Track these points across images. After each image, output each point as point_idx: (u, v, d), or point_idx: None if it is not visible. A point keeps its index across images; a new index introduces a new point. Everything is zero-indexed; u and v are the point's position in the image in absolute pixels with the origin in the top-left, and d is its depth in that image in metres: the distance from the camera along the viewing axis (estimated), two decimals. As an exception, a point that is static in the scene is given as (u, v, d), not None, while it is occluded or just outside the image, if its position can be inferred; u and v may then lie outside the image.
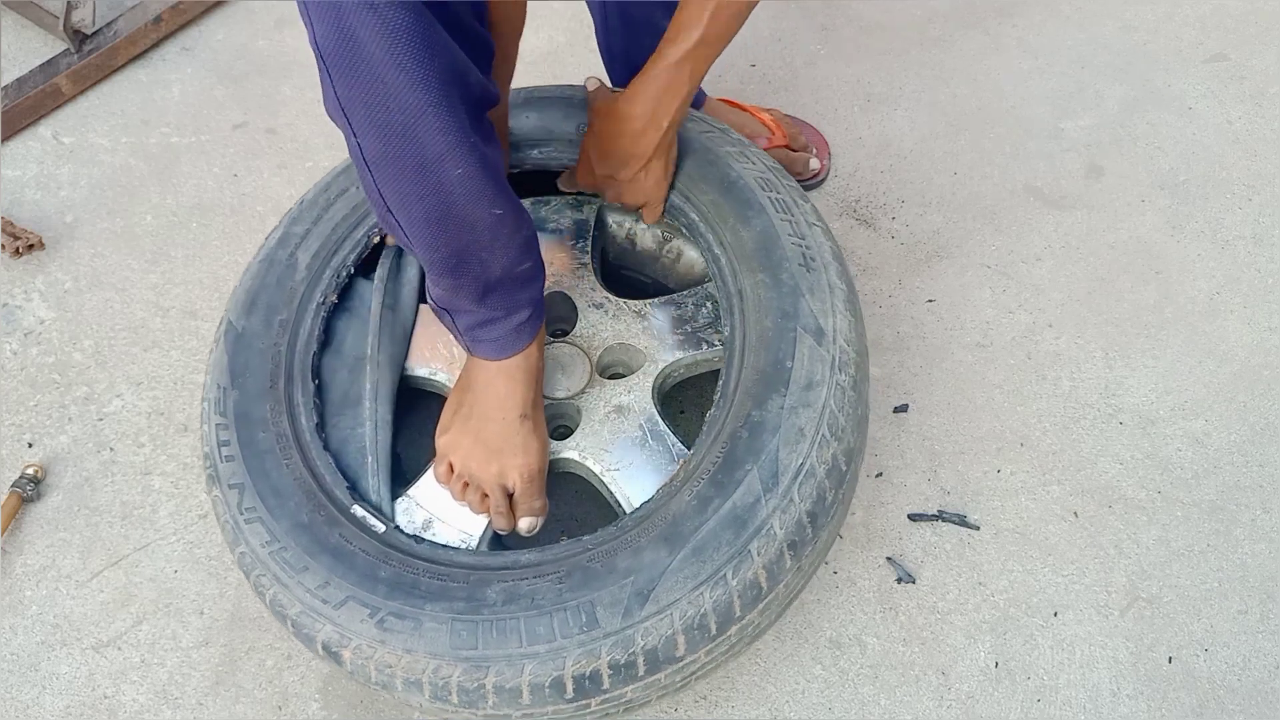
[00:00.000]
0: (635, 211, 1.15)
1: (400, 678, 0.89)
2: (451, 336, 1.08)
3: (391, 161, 0.84)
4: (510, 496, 1.01)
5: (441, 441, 1.03)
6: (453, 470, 1.02)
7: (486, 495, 1.01)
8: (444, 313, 0.99)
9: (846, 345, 0.99)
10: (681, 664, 0.91)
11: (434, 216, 0.87)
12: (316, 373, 1.07)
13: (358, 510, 0.98)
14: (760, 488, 0.92)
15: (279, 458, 1.00)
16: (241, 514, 0.97)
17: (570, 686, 0.87)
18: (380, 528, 0.97)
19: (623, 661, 0.87)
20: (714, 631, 0.90)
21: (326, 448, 1.02)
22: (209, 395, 1.04)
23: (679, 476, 0.97)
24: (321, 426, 1.03)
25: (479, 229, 0.90)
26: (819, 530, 0.95)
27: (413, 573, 0.93)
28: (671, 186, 1.12)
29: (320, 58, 0.77)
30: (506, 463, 1.00)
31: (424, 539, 0.98)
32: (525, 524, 1.02)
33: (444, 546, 0.98)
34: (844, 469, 0.97)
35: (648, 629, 0.88)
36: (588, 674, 0.87)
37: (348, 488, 0.99)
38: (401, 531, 0.98)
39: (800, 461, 0.93)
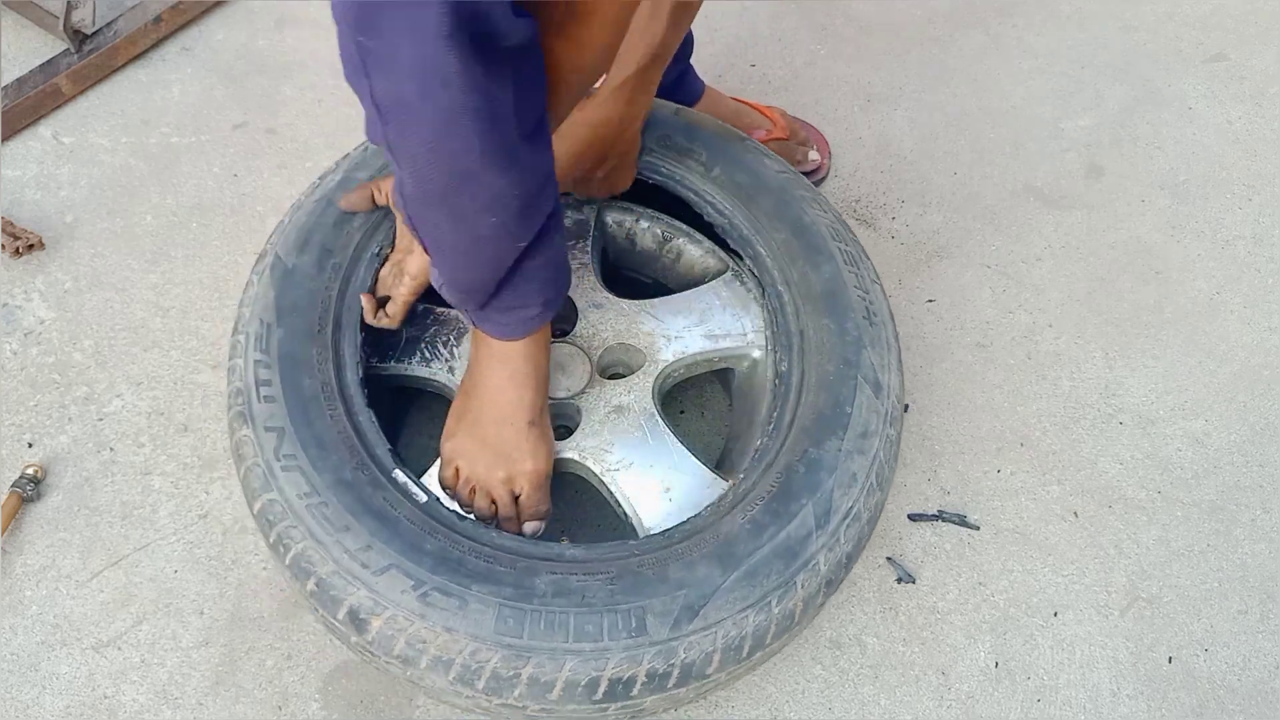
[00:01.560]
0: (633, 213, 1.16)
1: (430, 654, 0.87)
2: (450, 335, 1.09)
3: (429, 205, 0.83)
4: (516, 500, 1.02)
5: (448, 446, 1.02)
6: (459, 475, 1.02)
7: (494, 500, 1.01)
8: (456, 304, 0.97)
9: (897, 402, 1.03)
10: (707, 680, 0.91)
11: (461, 248, 0.87)
12: (364, 326, 1.03)
13: (399, 475, 0.95)
14: (813, 523, 0.94)
15: (323, 407, 0.95)
16: (279, 460, 0.92)
17: (603, 689, 0.87)
18: (421, 497, 0.94)
19: (660, 671, 0.88)
20: (745, 654, 0.90)
21: (369, 404, 0.98)
22: (248, 329, 1.00)
23: (728, 498, 0.98)
24: (366, 381, 1.00)
25: (504, 264, 0.89)
26: (850, 570, 0.97)
27: (459, 550, 0.90)
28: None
29: (375, 107, 0.76)
30: (515, 468, 0.99)
31: (466, 516, 0.96)
32: (530, 528, 1.02)
33: (486, 527, 0.95)
34: (879, 516, 1.00)
35: (691, 643, 0.88)
36: (624, 679, 0.87)
37: (389, 450, 0.96)
38: (442, 504, 0.95)
39: (850, 505, 0.96)
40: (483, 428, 1.00)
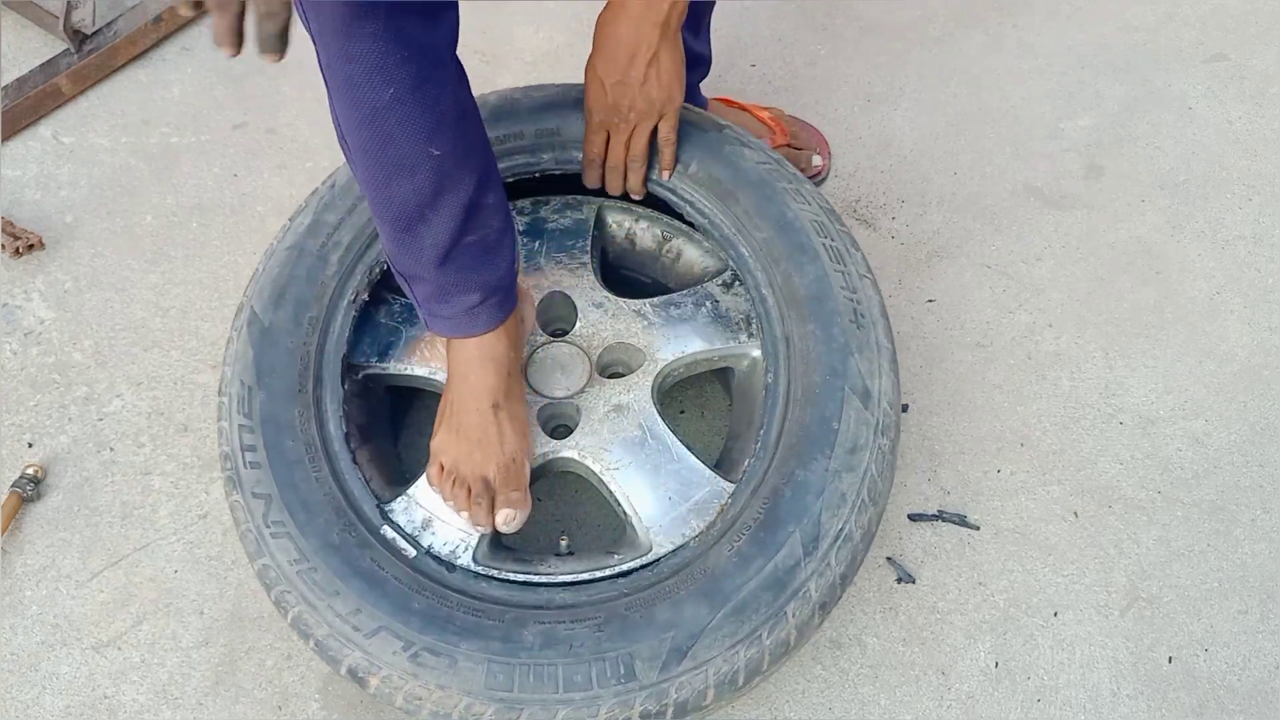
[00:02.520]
0: (638, 209, 1.15)
1: (428, 708, 0.89)
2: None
3: (331, 81, 0.83)
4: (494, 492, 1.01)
5: (433, 444, 1.03)
6: (442, 471, 1.01)
7: (472, 491, 1.00)
8: (402, 278, 0.97)
9: (889, 408, 1.00)
10: (704, 711, 0.91)
11: (371, 148, 0.85)
12: (346, 377, 1.05)
13: (388, 532, 0.98)
14: (801, 551, 0.93)
15: (308, 469, 0.97)
16: (268, 527, 0.95)
17: None
18: (411, 552, 0.97)
19: (654, 712, 0.88)
20: (740, 684, 0.91)
21: (355, 461, 1.01)
22: (230, 390, 1.01)
23: (716, 525, 0.97)
24: (350, 438, 1.01)
25: (418, 174, 0.86)
26: (846, 589, 0.96)
27: (447, 606, 0.92)
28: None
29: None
30: (487, 454, 0.99)
31: (456, 567, 0.98)
32: (502, 516, 1.00)
33: (475, 576, 0.97)
34: (874, 532, 0.98)
35: (682, 683, 0.89)
36: None
37: (376, 506, 0.99)
38: (431, 557, 0.98)
39: (840, 526, 0.94)
40: (456, 418, 1.00)
